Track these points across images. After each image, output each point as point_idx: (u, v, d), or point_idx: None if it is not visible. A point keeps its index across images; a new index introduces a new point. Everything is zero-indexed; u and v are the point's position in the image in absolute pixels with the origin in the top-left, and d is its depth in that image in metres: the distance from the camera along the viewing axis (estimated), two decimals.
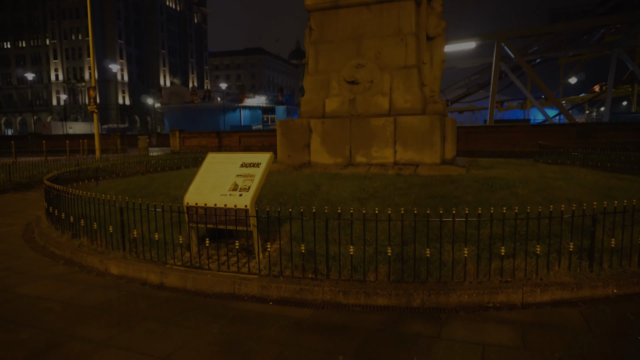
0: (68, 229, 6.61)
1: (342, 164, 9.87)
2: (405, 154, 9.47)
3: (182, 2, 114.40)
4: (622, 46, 49.23)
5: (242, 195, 4.81)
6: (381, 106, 9.89)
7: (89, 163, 17.23)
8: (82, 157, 24.77)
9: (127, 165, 14.57)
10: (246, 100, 79.56)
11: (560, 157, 16.24)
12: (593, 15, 54.31)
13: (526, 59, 49.89)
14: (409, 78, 9.89)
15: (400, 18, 9.98)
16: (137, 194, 8.58)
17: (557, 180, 8.50)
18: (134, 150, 33.00)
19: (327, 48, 10.58)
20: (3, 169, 13.89)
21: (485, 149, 24.04)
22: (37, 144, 36.57)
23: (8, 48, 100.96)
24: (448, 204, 6.40)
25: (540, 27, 47.42)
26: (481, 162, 11.77)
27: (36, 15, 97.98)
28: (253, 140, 30.28)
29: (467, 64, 54.17)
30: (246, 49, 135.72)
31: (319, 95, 10.55)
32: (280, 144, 10.56)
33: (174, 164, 16.58)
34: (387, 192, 7.13)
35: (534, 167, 11.24)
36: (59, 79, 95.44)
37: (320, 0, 10.49)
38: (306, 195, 7.07)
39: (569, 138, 25.22)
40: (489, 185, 7.60)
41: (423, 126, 9.32)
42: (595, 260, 4.68)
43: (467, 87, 62.82)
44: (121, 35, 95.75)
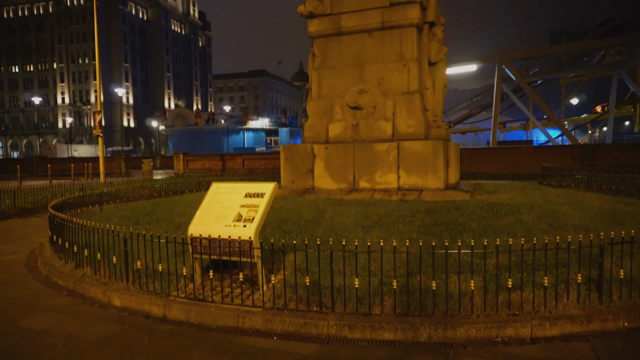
0: (71, 259, 6.58)
1: (346, 189, 9.86)
2: (408, 179, 9.45)
3: (187, 26, 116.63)
4: (623, 67, 49.60)
5: (246, 227, 4.80)
6: (384, 131, 9.93)
7: (93, 187, 17.31)
8: (87, 180, 24.90)
9: (131, 190, 14.61)
10: (250, 122, 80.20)
11: (564, 180, 16.17)
12: (593, 37, 54.93)
13: (527, 80, 50.28)
14: (411, 103, 9.95)
15: (403, 44, 10.11)
16: (141, 221, 8.59)
17: (562, 205, 8.45)
18: (138, 172, 33.17)
19: (330, 74, 10.70)
20: (8, 194, 13.95)
21: (489, 170, 23.99)
22: (42, 167, 36.83)
23: (16, 72, 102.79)
24: (453, 232, 6.36)
25: (541, 48, 47.90)
26: (485, 186, 11.72)
27: (44, 39, 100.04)
28: (256, 163, 30.39)
29: (469, 85, 54.62)
30: (250, 71, 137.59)
31: (322, 120, 10.62)
32: (284, 168, 10.58)
33: (178, 187, 16.61)
34: (391, 219, 7.09)
35: (538, 190, 11.18)
36: (65, 101, 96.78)
37: (322, 27, 10.65)
38: (310, 222, 7.03)
39: (572, 159, 25.22)
40: (494, 211, 7.55)
41: (426, 151, 9.33)
42: (605, 292, 4.60)
43: (470, 109, 63.20)
44: (127, 59, 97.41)
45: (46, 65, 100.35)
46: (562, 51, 48.68)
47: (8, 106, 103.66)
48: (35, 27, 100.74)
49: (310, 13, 10.56)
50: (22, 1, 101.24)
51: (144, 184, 17.15)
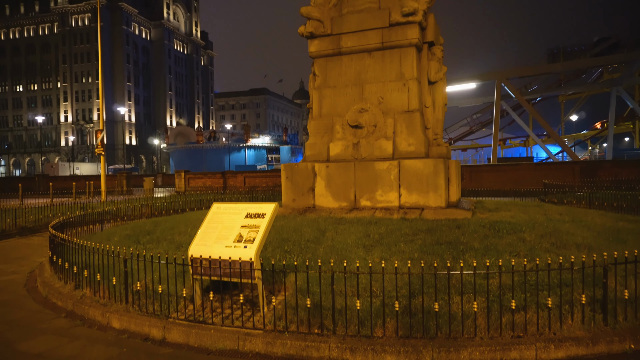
0: (71, 279, 6.54)
1: (347, 208, 9.84)
2: (410, 197, 9.44)
3: (190, 46, 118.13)
4: (621, 84, 49.96)
5: (246, 247, 4.77)
6: (385, 150, 9.96)
7: (95, 205, 17.31)
8: (88, 199, 24.91)
9: (132, 209, 14.60)
10: (251, 140, 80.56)
11: (565, 197, 16.14)
12: (590, 55, 55.51)
13: (526, 98, 50.61)
14: (412, 122, 10.01)
15: (402, 64, 10.22)
16: (142, 240, 8.56)
17: (564, 223, 8.41)
18: (139, 191, 33.20)
19: (331, 93, 10.78)
20: (9, 213, 13.95)
21: (490, 187, 23.99)
22: (44, 185, 36.91)
23: (20, 91, 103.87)
24: (455, 251, 6.32)
25: (539, 67, 48.35)
26: (486, 204, 11.69)
27: (49, 59, 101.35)
28: (257, 181, 30.42)
29: (469, 102, 54.97)
30: (251, 89, 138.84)
31: (323, 139, 10.67)
32: (285, 187, 10.59)
33: (179, 206, 16.60)
34: (393, 239, 7.06)
35: (540, 208, 11.14)
36: (68, 120, 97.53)
37: (323, 48, 10.78)
38: (311, 242, 7.00)
39: (573, 176, 25.21)
40: (496, 230, 7.52)
41: (427, 169, 9.34)
42: (610, 313, 4.55)
43: (470, 126, 63.48)
44: (130, 78, 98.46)
45: (50, 84, 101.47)
46: (560, 69, 49.11)
47: (12, 125, 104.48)
48: (40, 48, 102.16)
49: (311, 34, 10.71)
50: (28, 22, 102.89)
51: (145, 202, 17.14)
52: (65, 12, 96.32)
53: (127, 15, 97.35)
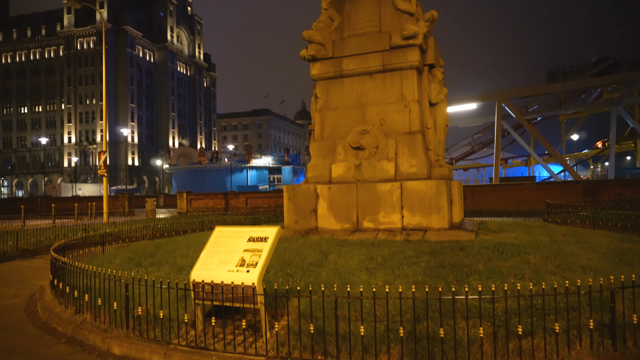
0: (72, 303, 6.48)
1: (349, 229, 9.80)
2: (412, 219, 9.41)
3: (193, 68, 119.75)
4: (621, 103, 50.25)
5: (249, 272, 4.74)
6: (387, 171, 9.97)
7: (96, 227, 17.28)
8: (90, 220, 24.89)
9: (133, 230, 14.57)
10: (253, 160, 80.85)
11: (569, 217, 16.06)
12: (589, 75, 55.98)
13: (527, 118, 50.87)
14: (413, 143, 10.04)
15: (403, 86, 10.31)
16: (143, 263, 8.51)
17: (568, 244, 8.34)
18: (141, 212, 33.19)
19: (333, 115, 10.86)
20: (10, 235, 13.93)
21: (493, 207, 23.89)
22: (46, 207, 36.96)
23: (25, 112, 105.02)
24: (459, 274, 6.26)
25: (539, 87, 48.68)
26: (490, 225, 11.63)
27: (54, 81, 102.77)
28: (259, 202, 30.40)
29: (470, 122, 55.26)
30: (253, 110, 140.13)
31: (325, 160, 10.70)
32: (287, 209, 10.57)
33: (181, 227, 16.57)
34: (396, 261, 7.00)
35: (543, 229, 11.08)
36: (71, 141, 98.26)
37: (325, 70, 10.91)
38: (314, 265, 6.95)
39: (575, 195, 25.13)
40: (500, 252, 7.46)
41: (429, 191, 9.33)
42: (619, 338, 4.46)
43: (471, 145, 63.67)
44: (133, 99, 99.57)
45: (54, 106, 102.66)
46: (560, 89, 49.50)
47: (15, 146, 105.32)
48: (45, 70, 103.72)
49: (313, 57, 10.85)
50: (35, 46, 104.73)
51: (147, 223, 17.13)
52: (71, 35, 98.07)
53: (131, 38, 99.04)
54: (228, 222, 18.26)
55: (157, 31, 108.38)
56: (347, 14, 10.95)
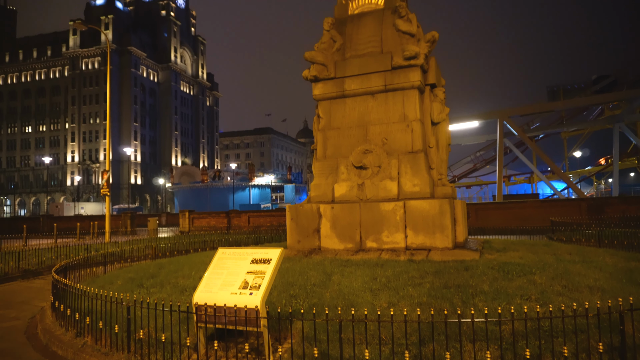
0: (72, 326, 6.41)
1: (353, 249, 9.73)
2: (416, 238, 9.34)
3: (196, 87, 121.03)
4: (623, 121, 50.38)
5: (252, 294, 4.68)
6: (390, 191, 9.95)
7: (98, 247, 17.23)
8: (92, 240, 24.83)
9: (135, 250, 14.53)
10: (255, 179, 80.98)
11: (574, 235, 15.95)
12: (590, 93, 56.28)
13: (529, 135, 50.97)
14: (416, 162, 10.04)
15: (405, 106, 10.37)
16: (145, 284, 8.44)
17: (575, 264, 8.25)
18: (143, 231, 33.12)
19: (335, 134, 10.90)
20: (12, 255, 13.89)
21: (496, 225, 23.78)
22: (48, 226, 36.94)
23: (29, 132, 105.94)
24: (464, 295, 6.18)
25: (540, 105, 48.94)
26: (494, 243, 11.54)
27: (58, 101, 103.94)
28: (262, 220, 30.33)
29: (472, 140, 55.38)
30: (255, 128, 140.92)
31: (327, 180, 10.69)
32: (290, 228, 10.52)
33: (183, 247, 16.51)
34: (400, 282, 6.93)
35: (548, 247, 10.98)
36: (74, 160, 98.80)
37: (327, 91, 10.99)
38: (317, 286, 6.88)
39: (580, 213, 25.00)
40: (505, 272, 7.37)
41: (433, 210, 9.28)
42: None
43: (474, 163, 63.69)
44: (136, 118, 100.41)
45: (58, 125, 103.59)
46: (561, 107, 49.72)
47: (19, 165, 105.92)
48: (50, 90, 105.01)
49: (315, 77, 10.94)
50: (40, 66, 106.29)
51: (149, 243, 17.07)
52: (76, 56, 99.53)
53: (135, 58, 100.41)
54: (230, 241, 18.18)
55: (161, 51, 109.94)
56: (348, 35, 11.09)
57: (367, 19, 11.11)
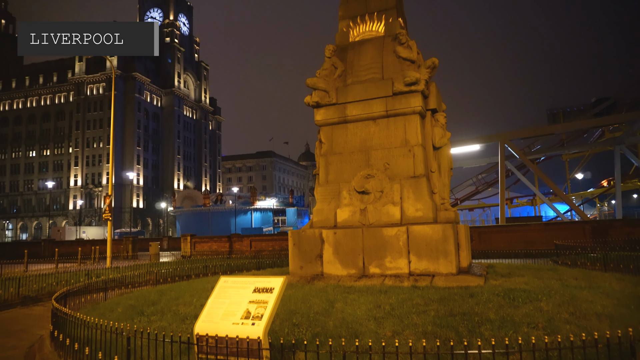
0: (71, 357, 6.29)
1: (356, 275, 9.63)
2: (419, 264, 9.25)
3: (199, 112, 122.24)
4: (623, 143, 50.49)
5: (254, 324, 4.61)
6: (392, 215, 9.91)
7: (99, 272, 17.11)
8: (93, 265, 24.67)
9: (137, 275, 14.40)
10: (257, 202, 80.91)
11: (579, 258, 15.78)
12: (589, 115, 56.60)
13: (530, 158, 51.05)
14: (418, 187, 10.03)
15: (407, 131, 10.42)
16: (146, 311, 8.33)
17: (581, 289, 8.13)
18: (145, 255, 32.93)
19: (337, 159, 10.93)
20: (12, 282, 13.77)
21: (500, 248, 23.56)
22: (50, 250, 36.81)
23: (33, 156, 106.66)
24: (470, 323, 6.08)
25: (541, 128, 49.14)
26: (498, 268, 11.41)
27: (63, 126, 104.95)
28: (264, 245, 30.16)
29: (474, 163, 55.47)
30: (257, 152, 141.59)
31: (330, 205, 10.67)
32: (292, 254, 10.44)
33: (184, 272, 16.37)
34: (405, 310, 6.82)
35: (554, 272, 10.84)
36: (77, 184, 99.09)
37: (329, 116, 11.08)
38: (320, 314, 6.77)
39: (584, 236, 24.80)
40: (511, 298, 7.26)
41: (436, 235, 9.22)
42: None
43: (476, 186, 63.61)
44: (139, 143, 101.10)
45: (62, 149, 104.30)
46: (561, 130, 49.95)
47: (22, 189, 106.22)
48: (55, 115, 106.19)
49: (317, 103, 11.05)
50: (46, 92, 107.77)
51: (150, 268, 16.94)
52: (82, 82, 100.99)
53: (139, 84, 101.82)
54: (232, 266, 18.02)
55: (165, 77, 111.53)
56: (350, 62, 11.25)
57: (368, 46, 11.29)
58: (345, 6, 12.35)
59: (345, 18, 12.19)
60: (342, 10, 12.35)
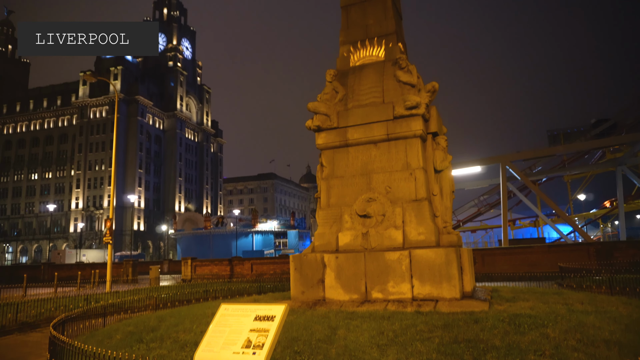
0: None
1: (358, 300, 9.50)
2: (423, 288, 9.13)
3: (201, 134, 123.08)
4: (625, 163, 50.47)
5: (255, 354, 4.51)
6: (395, 239, 9.84)
7: (99, 297, 16.91)
8: (93, 289, 24.43)
9: (136, 300, 14.23)
10: (258, 225, 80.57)
11: (584, 281, 15.60)
12: (590, 136, 56.76)
13: (532, 179, 50.99)
14: (420, 210, 9.99)
15: (408, 154, 10.44)
16: (145, 338, 8.19)
17: (588, 315, 7.99)
18: (145, 279, 32.64)
19: (339, 183, 10.92)
20: (10, 307, 13.60)
21: (503, 271, 23.32)
22: (49, 274, 36.53)
23: (35, 179, 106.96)
24: (475, 351, 5.95)
25: (542, 150, 49.24)
26: (503, 292, 11.25)
27: (65, 149, 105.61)
28: (265, 268, 29.89)
29: (475, 185, 55.41)
30: (259, 174, 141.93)
31: (331, 229, 10.61)
32: (294, 279, 10.33)
33: (185, 297, 16.18)
34: (408, 337, 6.69)
35: (559, 296, 10.68)
36: (78, 206, 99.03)
37: (330, 140, 11.12)
38: (322, 342, 6.65)
39: (588, 258, 24.55)
40: (517, 324, 7.13)
41: (439, 259, 9.13)
42: None
43: (478, 207, 63.37)
44: (141, 165, 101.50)
45: (64, 172, 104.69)
46: (562, 151, 50.00)
47: (23, 212, 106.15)
48: (58, 138, 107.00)
49: (318, 127, 11.11)
50: (49, 115, 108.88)
51: (149, 293, 16.75)
52: (85, 105, 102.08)
53: (142, 107, 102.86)
54: (233, 290, 17.82)
55: (168, 100, 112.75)
56: (350, 86, 11.35)
57: (369, 71, 11.42)
58: (346, 32, 12.55)
59: (346, 43, 12.37)
60: (343, 36, 12.55)
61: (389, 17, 12.15)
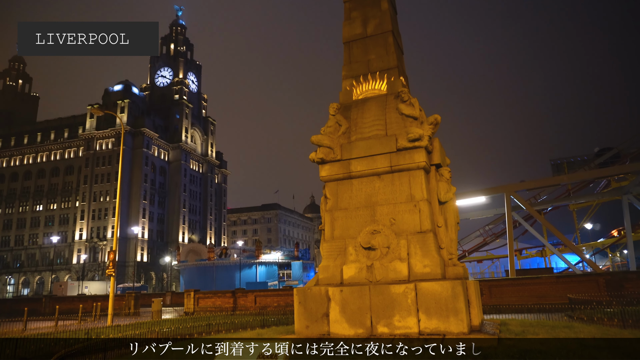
0: None
1: (363, 335, 9.29)
2: (429, 322, 8.93)
3: (205, 165, 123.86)
4: (630, 192, 50.12)
5: None
6: (400, 272, 9.71)
7: (99, 331, 16.65)
8: (94, 322, 24.09)
9: (137, 334, 14.00)
10: (262, 256, 79.92)
11: (594, 313, 15.24)
12: (593, 165, 56.67)
13: (537, 208, 50.65)
14: (425, 242, 9.89)
15: (412, 186, 10.43)
16: None
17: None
18: (147, 312, 32.16)
19: (343, 215, 10.88)
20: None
21: (511, 302, 22.87)
22: (50, 307, 36.14)
23: (40, 210, 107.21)
24: None
25: (546, 180, 49.05)
26: (511, 326, 10.99)
27: (71, 180, 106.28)
28: (269, 300, 29.47)
29: (480, 215, 55.06)
30: (263, 205, 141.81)
31: (336, 261, 10.50)
32: (298, 313, 10.14)
33: (187, 331, 15.92)
34: None
35: (570, 330, 10.42)
36: (82, 238, 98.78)
37: (334, 172, 11.15)
38: None
39: (598, 289, 24.06)
40: None
41: (445, 292, 8.97)
42: None
43: (483, 237, 62.68)
44: (146, 197, 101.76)
45: (69, 203, 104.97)
46: (567, 181, 49.81)
47: (27, 243, 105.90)
48: (64, 170, 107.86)
49: (322, 159, 11.16)
50: (56, 147, 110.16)
51: (151, 327, 16.49)
52: (92, 137, 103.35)
53: (148, 139, 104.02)
54: (236, 323, 17.53)
55: (173, 132, 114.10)
56: (353, 119, 11.47)
57: (371, 104, 11.56)
58: (349, 67, 12.80)
59: (348, 77, 12.58)
60: (346, 71, 12.79)
61: (390, 52, 12.41)
